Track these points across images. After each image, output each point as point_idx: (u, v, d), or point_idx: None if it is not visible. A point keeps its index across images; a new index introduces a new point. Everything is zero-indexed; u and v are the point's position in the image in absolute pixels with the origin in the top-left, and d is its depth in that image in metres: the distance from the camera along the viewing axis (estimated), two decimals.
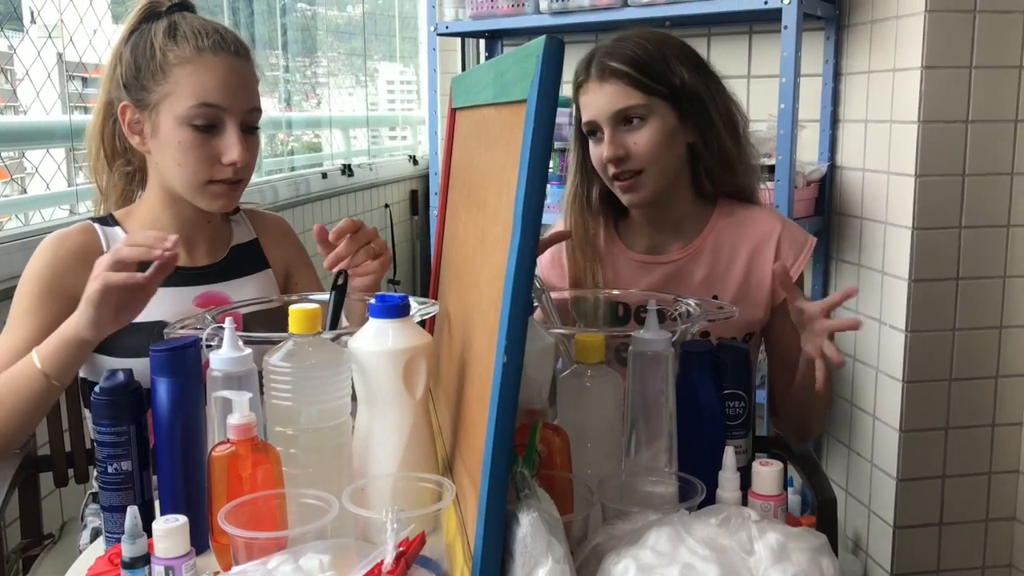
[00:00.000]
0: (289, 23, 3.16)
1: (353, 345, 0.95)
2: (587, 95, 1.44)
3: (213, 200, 1.31)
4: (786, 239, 1.48)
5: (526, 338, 0.72)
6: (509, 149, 0.84)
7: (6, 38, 1.87)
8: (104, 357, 1.29)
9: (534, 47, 0.73)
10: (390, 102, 4.12)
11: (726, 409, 1.09)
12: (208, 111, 1.26)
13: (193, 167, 1.27)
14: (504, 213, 0.83)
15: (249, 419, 0.90)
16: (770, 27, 2.47)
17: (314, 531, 0.83)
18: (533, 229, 0.71)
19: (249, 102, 1.30)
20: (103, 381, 0.97)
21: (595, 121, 1.43)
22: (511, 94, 0.84)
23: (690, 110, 1.43)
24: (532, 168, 0.71)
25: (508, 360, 0.71)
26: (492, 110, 0.98)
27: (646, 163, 1.42)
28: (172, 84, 1.26)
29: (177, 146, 1.27)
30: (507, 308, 0.71)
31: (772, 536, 0.82)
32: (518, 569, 0.71)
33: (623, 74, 1.40)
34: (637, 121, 1.41)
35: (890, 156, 2.20)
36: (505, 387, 0.71)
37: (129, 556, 0.83)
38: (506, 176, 0.84)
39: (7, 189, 1.97)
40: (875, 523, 2.32)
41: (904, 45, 2.12)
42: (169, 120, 1.26)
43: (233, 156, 1.27)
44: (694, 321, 1.13)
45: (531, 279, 0.71)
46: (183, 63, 1.26)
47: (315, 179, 2.94)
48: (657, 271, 1.50)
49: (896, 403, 2.20)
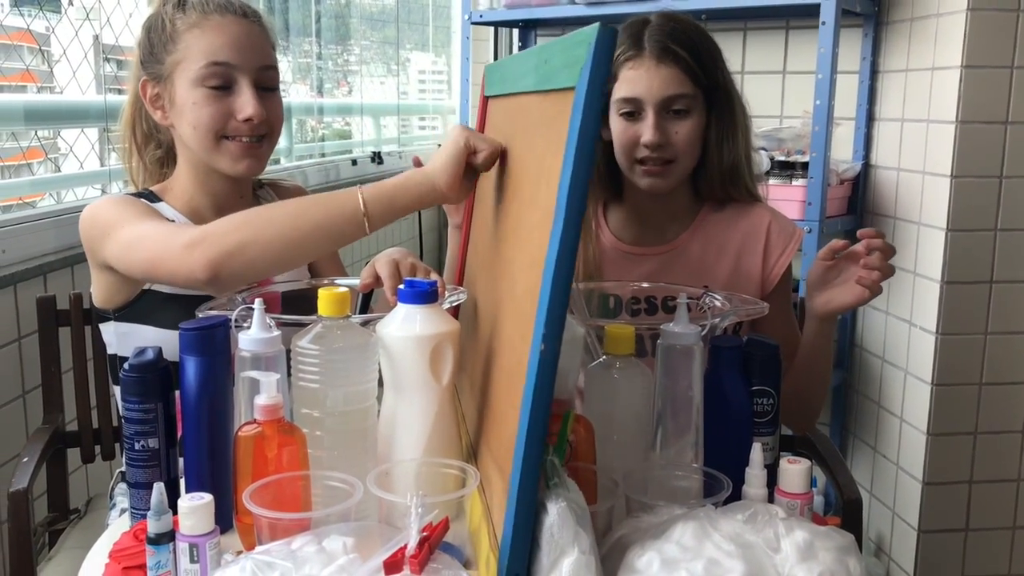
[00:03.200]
0: (323, 10, 3.16)
1: (381, 330, 0.95)
2: (636, 71, 1.38)
3: (235, 161, 1.30)
4: (775, 230, 1.47)
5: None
6: (551, 136, 0.83)
7: (45, 19, 1.88)
8: (141, 327, 1.30)
9: (585, 34, 0.73)
10: (421, 92, 4.12)
11: (754, 405, 1.08)
12: (218, 69, 1.27)
13: (206, 124, 1.28)
14: (543, 201, 0.83)
15: (276, 400, 0.90)
16: (807, 22, 2.44)
17: (338, 513, 0.83)
18: (577, 217, 0.70)
19: (260, 60, 1.31)
20: (132, 358, 0.97)
21: (640, 100, 1.38)
22: (556, 82, 0.83)
23: (719, 111, 1.42)
24: (579, 156, 0.70)
25: (546, 348, 0.70)
26: (533, 98, 0.97)
27: (680, 154, 1.40)
28: (183, 50, 1.28)
29: (192, 108, 1.28)
30: (546, 295, 0.71)
31: (799, 534, 0.81)
32: (544, 558, 0.71)
33: (682, 59, 1.37)
34: (682, 111, 1.38)
35: (926, 156, 2.17)
36: (542, 374, 0.70)
37: (154, 532, 0.83)
38: (547, 164, 0.83)
39: (41, 169, 1.99)
40: (899, 526, 2.30)
41: (944, 43, 2.09)
42: (184, 85, 1.28)
43: (248, 112, 1.27)
44: (725, 315, 1.12)
45: (572, 267, 0.71)
46: (190, 28, 1.28)
47: (345, 166, 2.94)
48: (648, 262, 1.48)
49: (924, 406, 2.17)
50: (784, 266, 1.46)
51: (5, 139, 1.87)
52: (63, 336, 1.51)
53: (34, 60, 1.92)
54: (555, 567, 0.70)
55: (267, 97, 1.31)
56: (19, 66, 1.87)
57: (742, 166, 1.46)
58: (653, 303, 1.39)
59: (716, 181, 1.46)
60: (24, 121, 1.85)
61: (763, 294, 1.46)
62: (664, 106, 1.38)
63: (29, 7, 1.85)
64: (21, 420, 1.59)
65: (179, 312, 1.26)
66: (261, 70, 1.30)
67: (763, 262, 1.47)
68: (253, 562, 0.75)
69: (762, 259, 1.46)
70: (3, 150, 1.84)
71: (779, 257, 1.46)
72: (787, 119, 2.54)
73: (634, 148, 1.40)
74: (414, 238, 3.42)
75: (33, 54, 1.92)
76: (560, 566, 0.70)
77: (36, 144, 1.94)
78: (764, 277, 1.46)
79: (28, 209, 1.76)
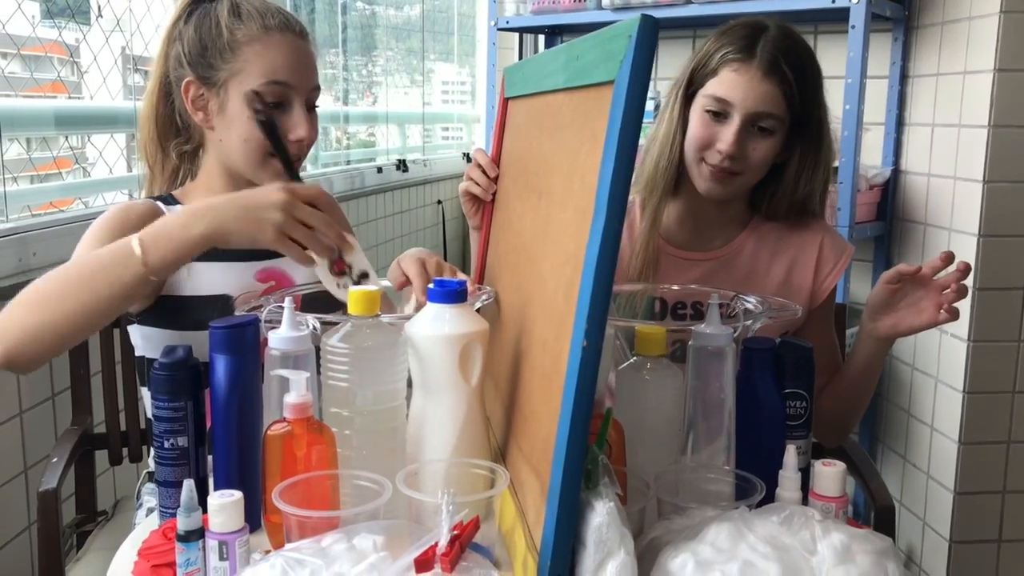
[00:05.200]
0: (349, 21, 3.17)
1: (410, 329, 0.95)
2: (740, 75, 1.33)
3: (275, 176, 1.31)
4: (828, 244, 1.45)
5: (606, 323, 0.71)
6: (584, 133, 0.82)
7: (79, 29, 1.91)
8: (161, 330, 1.30)
9: (624, 27, 0.72)
10: (444, 102, 4.13)
11: (787, 408, 1.06)
12: (277, 89, 1.28)
13: (259, 141, 1.28)
14: (576, 198, 0.82)
15: (306, 399, 0.89)
16: (836, 27, 2.42)
17: (367, 512, 0.83)
18: (619, 212, 0.69)
19: (312, 80, 1.33)
20: (162, 356, 0.97)
21: (732, 105, 1.34)
22: (590, 77, 0.82)
23: (806, 143, 1.39)
24: (621, 149, 0.69)
25: (588, 344, 0.69)
26: (562, 95, 0.96)
27: (749, 170, 1.37)
28: (241, 62, 1.27)
29: (246, 122, 1.28)
30: (588, 291, 0.70)
31: (836, 536, 0.80)
32: (589, 559, 0.70)
33: (787, 81, 1.33)
34: (767, 131, 1.35)
35: (957, 161, 2.15)
36: (583, 372, 0.70)
37: (184, 529, 0.83)
38: (580, 161, 0.82)
39: (70, 177, 2.01)
40: (930, 537, 2.26)
41: (976, 47, 2.07)
42: (238, 98, 1.28)
43: (301, 133, 1.29)
44: (756, 318, 1.10)
45: (614, 263, 0.70)
46: (251, 41, 1.27)
47: (370, 173, 2.95)
48: (698, 267, 1.45)
49: (956, 414, 2.14)
50: (834, 282, 1.44)
51: (36, 146, 1.89)
52: (92, 339, 1.51)
53: (64, 70, 1.94)
54: (601, 568, 0.69)
55: (311, 115, 1.33)
56: (50, 76, 1.90)
57: (815, 199, 1.44)
58: (699, 308, 1.37)
59: (783, 207, 1.43)
60: (55, 126, 1.87)
61: (813, 306, 1.45)
62: (752, 120, 1.34)
63: (60, 19, 1.88)
64: (51, 422, 1.60)
65: (196, 313, 1.28)
66: (312, 90, 1.33)
67: (814, 276, 1.44)
68: (283, 559, 0.74)
69: (813, 273, 1.44)
70: (35, 159, 1.86)
71: (830, 272, 1.44)
72: None
73: (707, 148, 1.37)
74: (438, 246, 3.42)
75: (63, 64, 1.94)
76: (606, 568, 0.69)
77: (67, 154, 1.96)
78: (813, 291, 1.44)
79: (58, 214, 1.78)
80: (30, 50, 1.80)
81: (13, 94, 1.78)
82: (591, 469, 0.75)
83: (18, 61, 1.80)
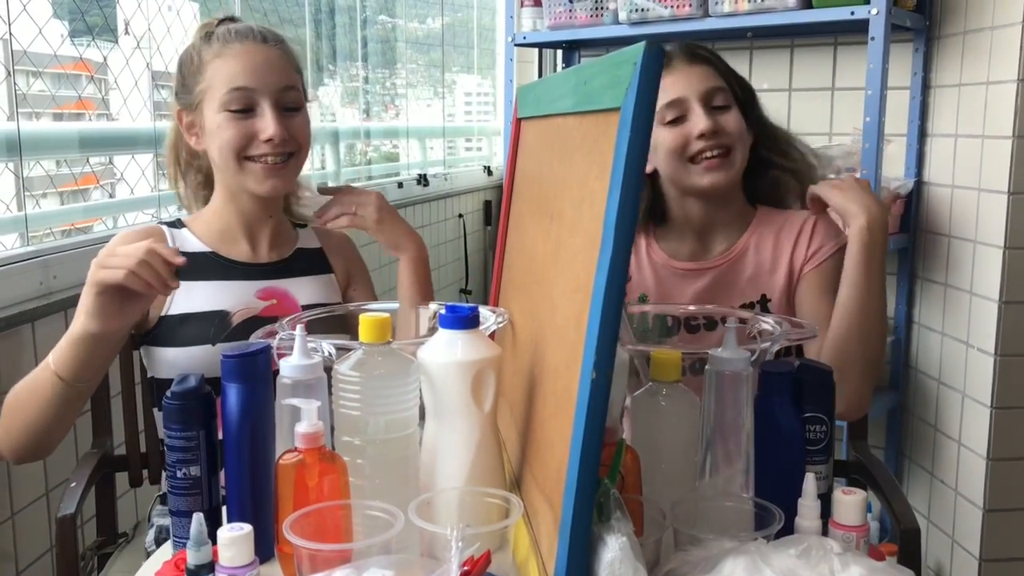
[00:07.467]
0: (370, 35, 3.18)
1: (422, 356, 0.94)
2: (672, 75, 1.44)
3: (260, 182, 1.35)
4: (820, 225, 1.48)
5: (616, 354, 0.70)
6: (593, 159, 0.81)
7: (101, 48, 1.93)
8: (163, 348, 1.34)
9: (629, 54, 0.71)
10: (467, 114, 4.13)
11: (807, 433, 1.04)
12: (239, 94, 1.32)
13: (230, 145, 1.32)
14: (586, 225, 0.81)
15: (317, 428, 0.89)
16: (856, 39, 2.40)
17: (379, 545, 0.82)
18: (626, 241, 0.69)
19: (280, 81, 1.35)
20: (174, 385, 0.97)
21: (684, 99, 1.43)
22: (597, 103, 0.82)
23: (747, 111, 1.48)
24: (627, 178, 0.69)
25: (597, 376, 0.69)
26: (572, 119, 0.95)
27: (735, 141, 1.44)
28: (209, 79, 1.33)
29: (217, 131, 1.33)
30: (596, 323, 0.69)
31: (855, 570, 0.78)
32: None
33: (713, 61, 1.46)
34: (723, 107, 1.44)
35: (981, 172, 2.11)
36: (594, 403, 0.69)
37: (194, 563, 0.83)
38: (589, 187, 0.81)
39: (96, 195, 2.03)
40: (959, 555, 2.22)
41: (999, 56, 2.04)
42: (210, 111, 1.33)
43: (269, 132, 1.32)
44: (775, 340, 1.09)
45: (622, 292, 0.69)
46: (214, 58, 1.34)
47: (391, 188, 2.95)
48: (703, 277, 1.49)
49: (984, 430, 2.10)
50: (822, 258, 1.45)
51: (59, 166, 1.91)
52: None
53: (89, 88, 1.96)
54: None
55: (290, 117, 1.36)
56: (76, 94, 1.92)
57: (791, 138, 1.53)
58: (712, 319, 1.39)
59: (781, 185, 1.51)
60: (79, 148, 1.90)
61: (792, 281, 1.47)
62: (706, 100, 1.43)
63: (85, 37, 1.90)
64: (72, 444, 1.61)
65: (196, 329, 1.33)
66: (282, 91, 1.35)
67: (793, 250, 1.47)
68: None
69: (792, 247, 1.47)
70: (58, 177, 1.88)
71: (818, 249, 1.46)
72: (836, 136, 2.49)
73: (687, 147, 1.43)
74: (459, 260, 3.42)
75: (89, 82, 1.97)
76: None
77: (90, 171, 1.98)
78: (792, 265, 1.47)
79: (80, 236, 1.79)
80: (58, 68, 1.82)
81: (43, 111, 1.82)
82: (603, 502, 0.74)
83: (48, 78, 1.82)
